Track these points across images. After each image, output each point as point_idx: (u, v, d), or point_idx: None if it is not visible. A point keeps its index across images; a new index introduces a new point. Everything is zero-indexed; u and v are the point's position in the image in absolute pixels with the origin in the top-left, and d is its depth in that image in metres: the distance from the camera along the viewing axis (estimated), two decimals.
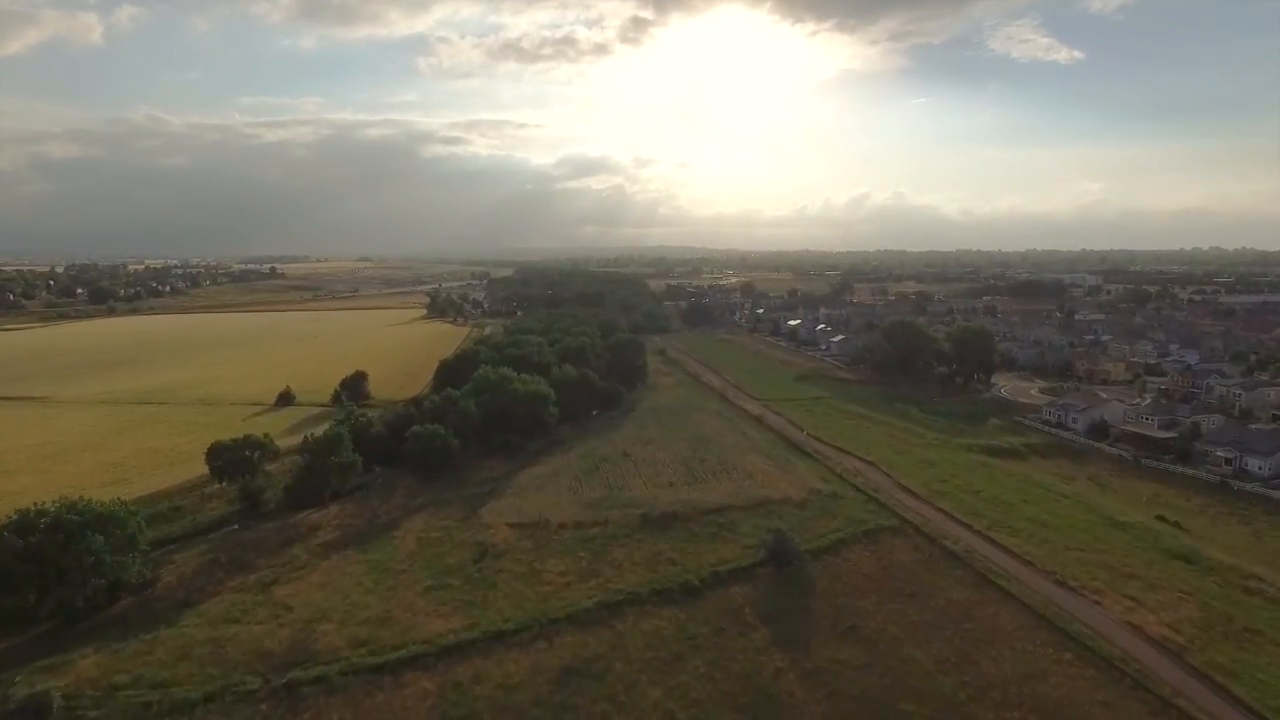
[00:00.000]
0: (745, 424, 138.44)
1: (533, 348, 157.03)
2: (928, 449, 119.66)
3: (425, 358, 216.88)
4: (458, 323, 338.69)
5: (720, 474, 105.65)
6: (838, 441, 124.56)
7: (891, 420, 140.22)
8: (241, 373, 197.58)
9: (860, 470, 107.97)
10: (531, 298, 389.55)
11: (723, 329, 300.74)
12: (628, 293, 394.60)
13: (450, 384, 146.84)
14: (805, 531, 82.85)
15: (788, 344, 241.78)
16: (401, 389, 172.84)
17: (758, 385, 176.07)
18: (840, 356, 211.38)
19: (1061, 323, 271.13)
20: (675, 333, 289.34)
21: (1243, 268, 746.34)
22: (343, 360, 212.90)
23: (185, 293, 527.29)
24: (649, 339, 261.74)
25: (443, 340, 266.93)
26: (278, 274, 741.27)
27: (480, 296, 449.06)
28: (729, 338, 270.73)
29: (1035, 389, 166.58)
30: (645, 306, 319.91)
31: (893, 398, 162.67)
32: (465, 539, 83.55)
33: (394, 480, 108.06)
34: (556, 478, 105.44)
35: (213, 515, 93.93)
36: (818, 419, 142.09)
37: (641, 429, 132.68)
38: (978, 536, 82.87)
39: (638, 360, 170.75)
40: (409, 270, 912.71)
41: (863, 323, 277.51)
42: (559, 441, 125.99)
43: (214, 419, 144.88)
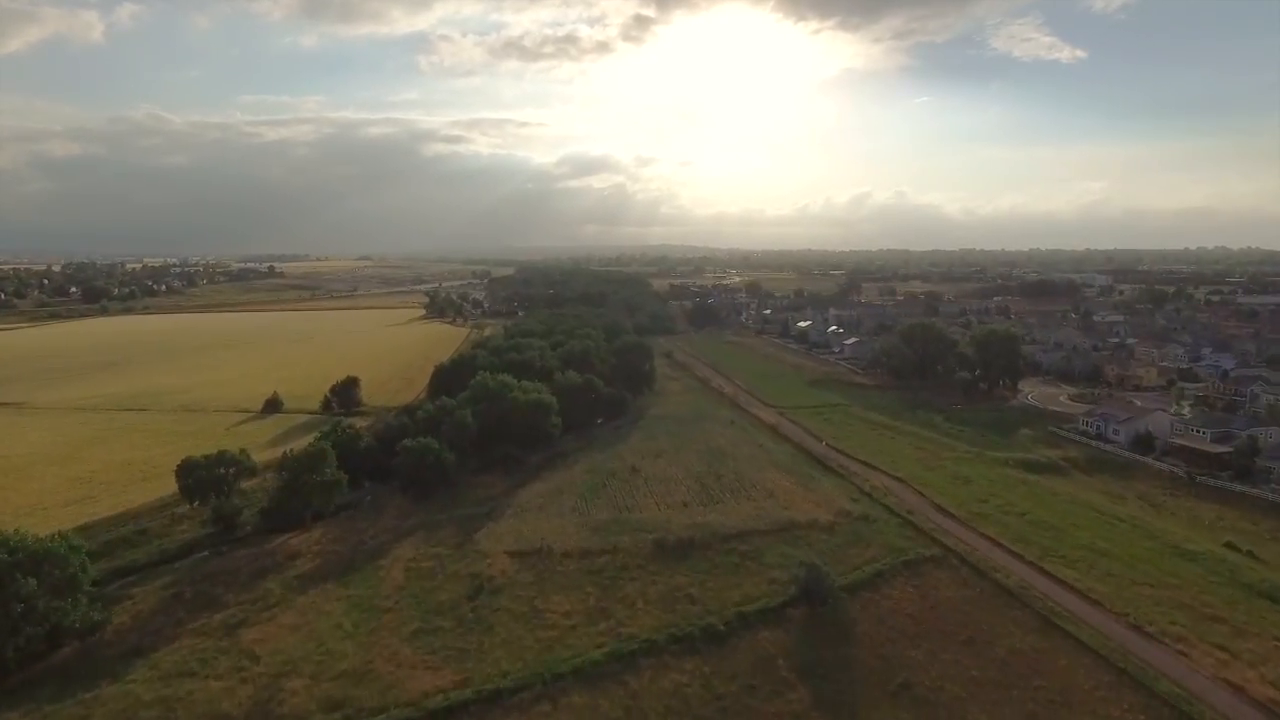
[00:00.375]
0: (760, 434, 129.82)
1: (534, 352, 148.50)
2: (960, 463, 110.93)
3: (422, 360, 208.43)
4: (457, 323, 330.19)
5: (738, 492, 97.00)
6: (861, 454, 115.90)
7: (916, 430, 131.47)
8: (230, 376, 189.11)
9: (890, 488, 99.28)
10: (532, 298, 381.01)
11: (730, 330, 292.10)
12: (631, 293, 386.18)
13: (446, 391, 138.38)
14: (837, 562, 74.32)
15: (798, 346, 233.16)
16: (396, 394, 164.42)
17: (770, 391, 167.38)
18: (855, 360, 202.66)
19: (1080, 324, 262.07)
20: (681, 334, 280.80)
21: (1252, 267, 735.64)
22: (337, 363, 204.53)
23: (181, 292, 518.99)
24: (654, 341, 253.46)
25: (441, 342, 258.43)
26: (276, 273, 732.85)
27: (480, 296, 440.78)
28: (737, 339, 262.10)
29: (1064, 395, 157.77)
30: (650, 307, 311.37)
31: (914, 405, 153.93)
32: (459, 570, 74.96)
33: (383, 499, 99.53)
34: (560, 496, 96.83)
35: (182, 539, 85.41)
36: (837, 428, 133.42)
37: (650, 440, 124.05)
38: (1030, 568, 74.19)
39: (644, 364, 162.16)
40: (409, 269, 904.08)
41: (874, 324, 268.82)
42: (562, 454, 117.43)
43: (195, 427, 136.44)
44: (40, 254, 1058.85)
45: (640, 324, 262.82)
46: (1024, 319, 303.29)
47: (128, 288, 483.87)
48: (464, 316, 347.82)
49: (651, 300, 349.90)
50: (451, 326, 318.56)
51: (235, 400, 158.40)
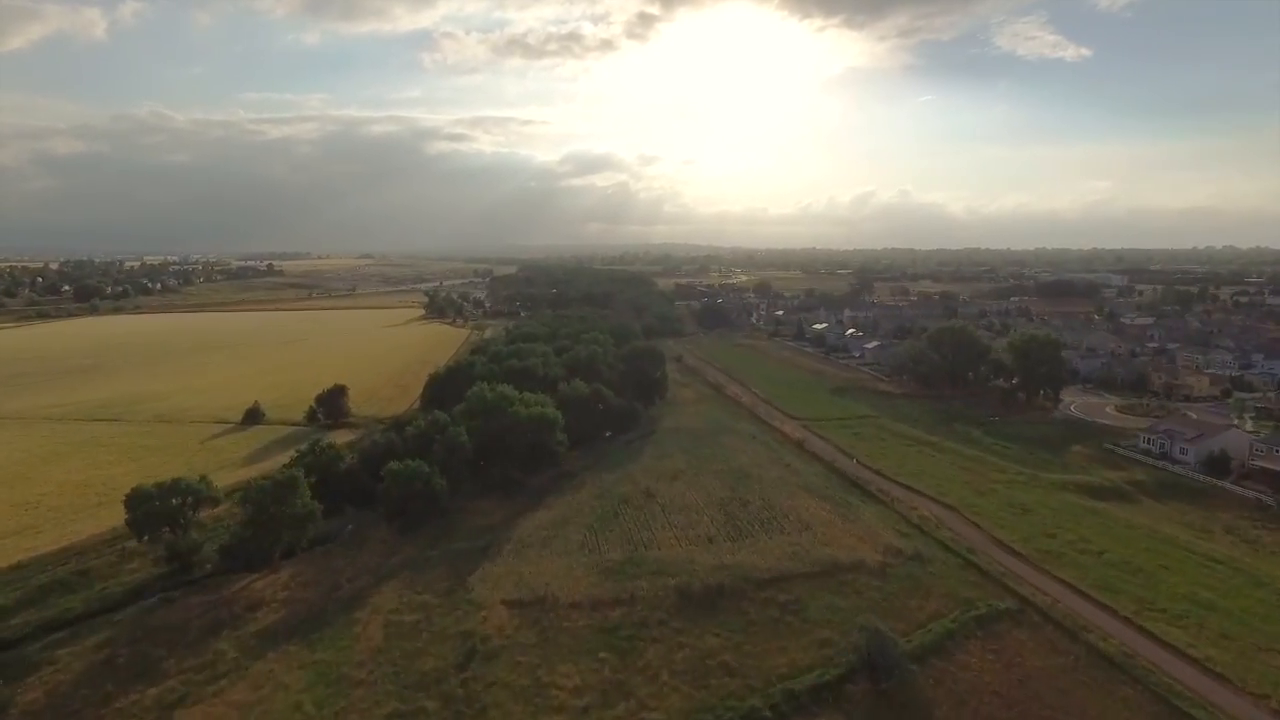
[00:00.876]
0: (786, 451, 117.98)
1: (537, 359, 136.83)
2: (1013, 487, 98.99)
3: (419, 365, 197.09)
4: (457, 324, 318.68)
5: (769, 524, 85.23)
6: (901, 476, 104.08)
7: (956, 447, 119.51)
8: (213, 383, 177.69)
9: (941, 519, 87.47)
10: (535, 298, 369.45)
11: (740, 332, 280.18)
12: (637, 292, 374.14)
13: (440, 402, 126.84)
14: (895, 616, 62.75)
15: (815, 350, 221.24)
16: (389, 403, 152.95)
17: (791, 400, 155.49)
18: (877, 365, 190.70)
19: (1109, 327, 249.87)
20: (690, 336, 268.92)
21: (1268, 268, 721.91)
22: (328, 368, 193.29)
23: (176, 291, 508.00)
24: (663, 344, 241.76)
25: (439, 344, 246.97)
26: (275, 271, 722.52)
27: (482, 295, 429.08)
28: (749, 342, 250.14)
29: (1110, 407, 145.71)
30: (656, 308, 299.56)
31: (949, 416, 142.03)
32: (448, 626, 63.26)
33: (366, 529, 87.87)
34: (566, 527, 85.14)
35: (129, 582, 73.80)
36: (870, 445, 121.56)
37: (665, 458, 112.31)
38: (1127, 626, 62.36)
39: (656, 371, 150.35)
40: (411, 267, 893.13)
41: (892, 326, 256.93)
42: (568, 474, 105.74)
43: (166, 441, 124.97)
44: (43, 252, 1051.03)
45: (648, 325, 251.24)
46: (1045, 321, 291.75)
47: (121, 286, 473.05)
48: (464, 317, 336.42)
49: (658, 300, 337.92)
50: (451, 327, 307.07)
51: (215, 410, 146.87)
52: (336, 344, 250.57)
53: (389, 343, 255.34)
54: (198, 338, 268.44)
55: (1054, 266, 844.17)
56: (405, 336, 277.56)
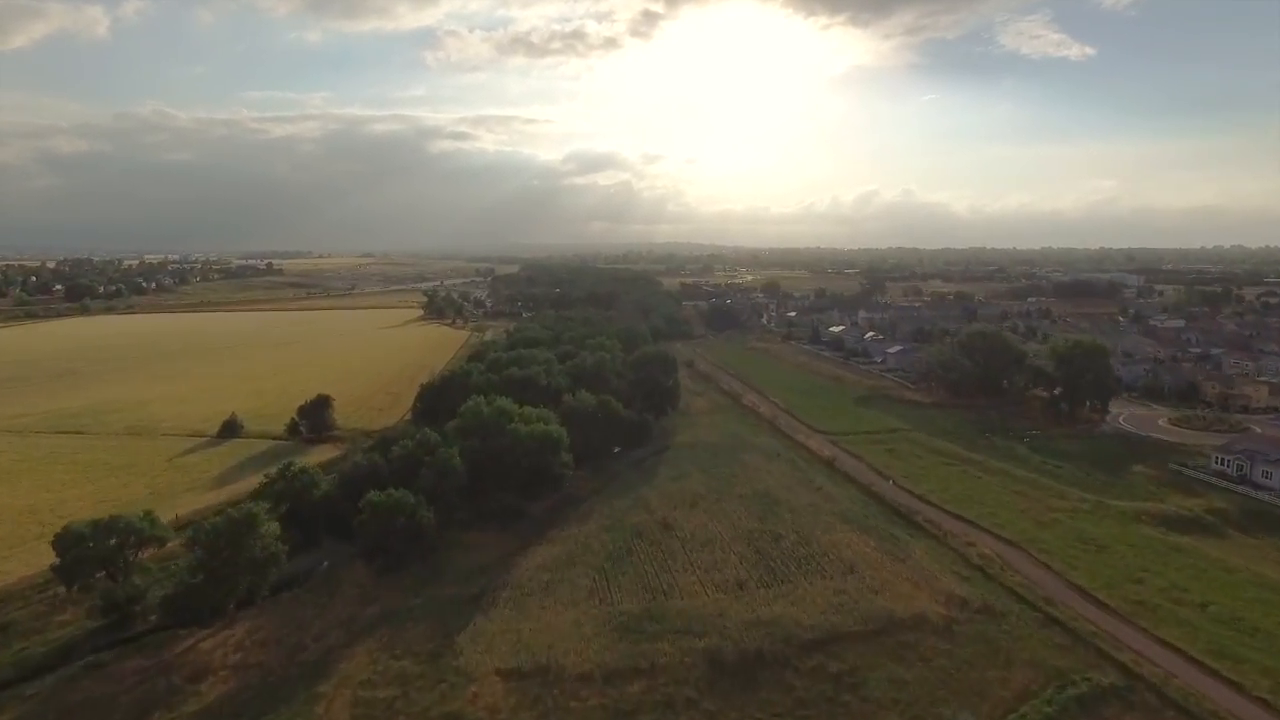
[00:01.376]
0: (815, 471, 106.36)
1: (539, 367, 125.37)
2: (1078, 517, 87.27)
3: (414, 370, 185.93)
4: (456, 325, 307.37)
5: (807, 563, 73.72)
6: (948, 502, 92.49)
7: (1003, 466, 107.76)
8: (194, 389, 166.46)
9: (1004, 557, 75.85)
10: (537, 297, 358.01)
11: (752, 335, 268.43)
12: (642, 293, 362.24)
13: (433, 416, 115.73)
14: (974, 692, 51.59)
15: (833, 354, 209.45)
16: (380, 414, 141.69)
17: (813, 411, 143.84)
18: (901, 372, 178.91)
19: (1139, 330, 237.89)
20: (699, 339, 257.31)
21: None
22: (319, 373, 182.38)
23: (172, 290, 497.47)
24: (671, 347, 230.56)
25: (437, 347, 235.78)
26: (274, 270, 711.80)
27: (483, 295, 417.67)
28: (762, 345, 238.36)
29: (1162, 419, 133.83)
30: (663, 309, 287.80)
31: (986, 429, 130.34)
32: (429, 707, 51.78)
33: (342, 569, 76.48)
34: (572, 568, 73.70)
35: (57, 639, 62.50)
36: (906, 463, 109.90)
37: (681, 479, 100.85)
38: (1267, 712, 50.70)
39: (668, 380, 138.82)
40: (412, 266, 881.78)
41: (911, 328, 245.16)
42: (574, 500, 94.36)
43: (131, 458, 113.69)
44: (46, 251, 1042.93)
45: (655, 327, 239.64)
46: (1067, 322, 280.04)
47: (114, 286, 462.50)
48: (464, 318, 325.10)
49: (665, 301, 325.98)
50: (451, 329, 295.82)
51: (192, 420, 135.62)
52: (330, 347, 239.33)
53: (385, 345, 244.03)
54: (187, 340, 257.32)
55: (1064, 266, 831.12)
56: (402, 339, 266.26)
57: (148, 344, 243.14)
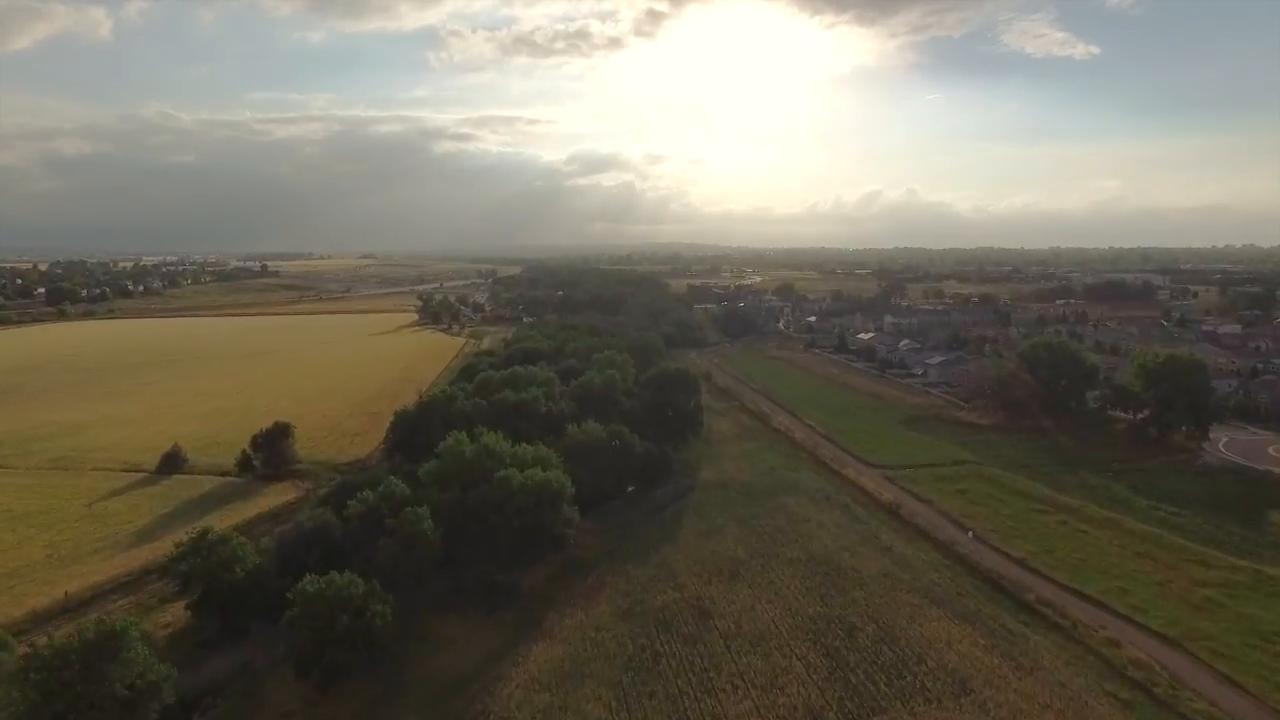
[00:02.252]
0: (876, 520, 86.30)
1: (538, 390, 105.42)
2: (1237, 594, 66.99)
3: (400, 385, 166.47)
4: (452, 331, 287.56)
5: (897, 673, 53.73)
6: (1058, 568, 72.49)
7: (1108, 514, 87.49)
8: (147, 409, 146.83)
9: (1165, 664, 55.75)
10: (539, 301, 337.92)
11: (770, 342, 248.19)
12: (649, 296, 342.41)
13: (409, 449, 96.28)
14: None
15: (864, 366, 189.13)
16: (354, 442, 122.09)
17: (858, 436, 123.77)
18: (947, 387, 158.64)
19: (1199, 336, 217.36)
20: (713, 347, 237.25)
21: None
22: (293, 388, 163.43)
23: (159, 293, 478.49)
24: (684, 355, 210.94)
25: (429, 357, 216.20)
26: (270, 272, 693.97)
27: (483, 299, 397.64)
28: (783, 355, 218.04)
29: (1273, 447, 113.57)
30: (674, 313, 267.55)
31: (1067, 461, 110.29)
32: None
33: (268, 678, 56.61)
34: (578, 688, 53.78)
35: None
36: (988, 510, 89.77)
37: (714, 536, 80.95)
38: None
39: (688, 401, 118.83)
40: (413, 268, 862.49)
41: (945, 335, 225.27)
42: (579, 566, 74.56)
43: (44, 501, 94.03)
44: (49, 253, 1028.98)
45: (666, 334, 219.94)
46: (1106, 326, 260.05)
47: (99, 289, 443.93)
48: (461, 323, 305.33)
49: (674, 305, 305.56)
50: (446, 335, 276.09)
51: (131, 450, 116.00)
52: (311, 357, 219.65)
53: (372, 355, 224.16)
54: (156, 349, 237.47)
55: (1078, 266, 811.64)
56: (391, 347, 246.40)
57: (110, 354, 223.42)
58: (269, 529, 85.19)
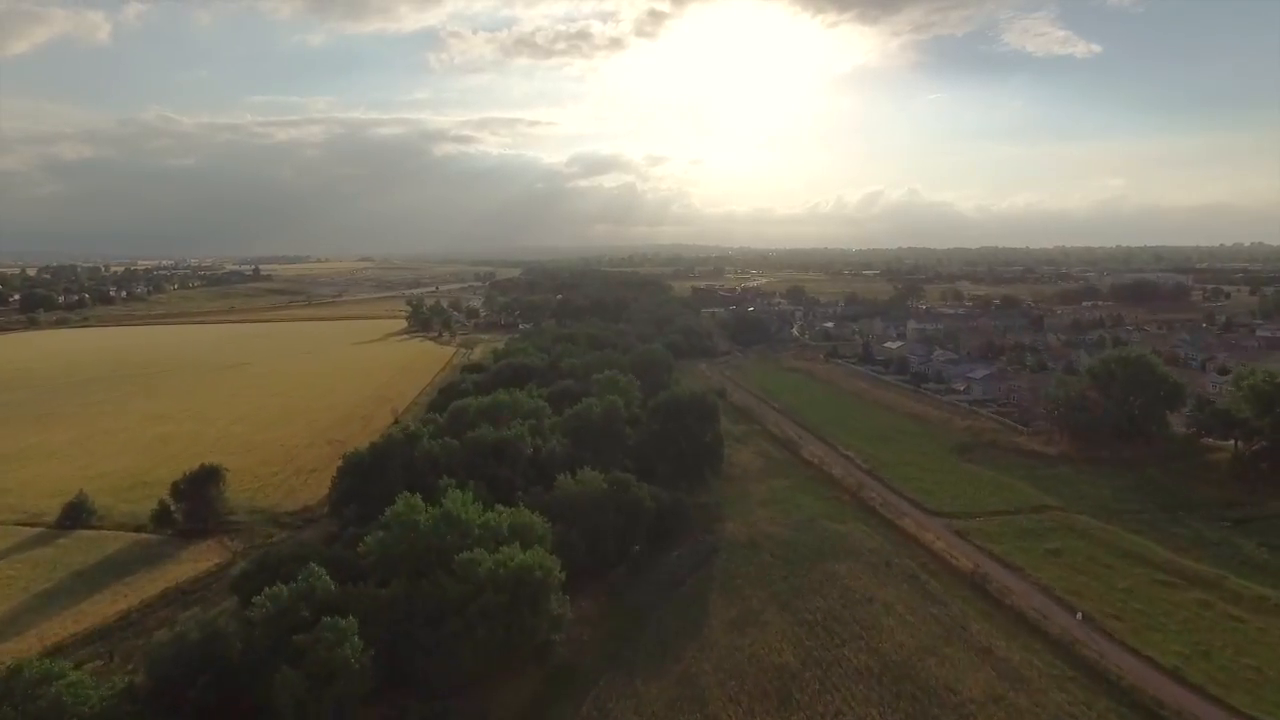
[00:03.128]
0: (957, 599, 66.63)
1: (524, 425, 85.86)
2: None
3: (374, 405, 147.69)
4: (442, 339, 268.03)
5: None
6: (1233, 688, 52.91)
7: (1257, 588, 67.74)
8: (75, 439, 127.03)
9: None
10: (536, 306, 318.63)
11: (786, 350, 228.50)
12: (653, 299, 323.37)
13: (362, 499, 76.75)
14: None
15: (895, 379, 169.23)
16: (304, 483, 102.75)
17: (908, 471, 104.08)
18: (995, 405, 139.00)
19: (1261, 344, 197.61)
20: (724, 357, 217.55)
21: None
22: (254, 410, 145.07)
23: (143, 299, 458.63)
24: (693, 367, 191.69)
25: (412, 370, 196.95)
26: (263, 276, 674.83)
27: (478, 303, 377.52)
28: (802, 365, 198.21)
29: None
30: (680, 319, 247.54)
31: (1170, 502, 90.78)
32: None
33: None
34: None
35: None
36: (1096, 581, 69.99)
37: (750, 627, 61.39)
38: None
39: (706, 432, 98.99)
40: (412, 270, 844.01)
41: (979, 342, 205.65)
42: (567, 679, 54.99)
43: None
44: (50, 257, 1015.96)
45: (672, 343, 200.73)
46: (1145, 331, 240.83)
47: (78, 295, 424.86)
48: (451, 330, 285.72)
49: (680, 310, 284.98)
50: (435, 344, 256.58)
51: (36, 494, 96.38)
52: (283, 371, 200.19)
53: (350, 367, 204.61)
54: (117, 362, 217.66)
55: (1088, 265, 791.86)
56: (373, 358, 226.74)
57: (63, 369, 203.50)
58: (172, 614, 65.99)
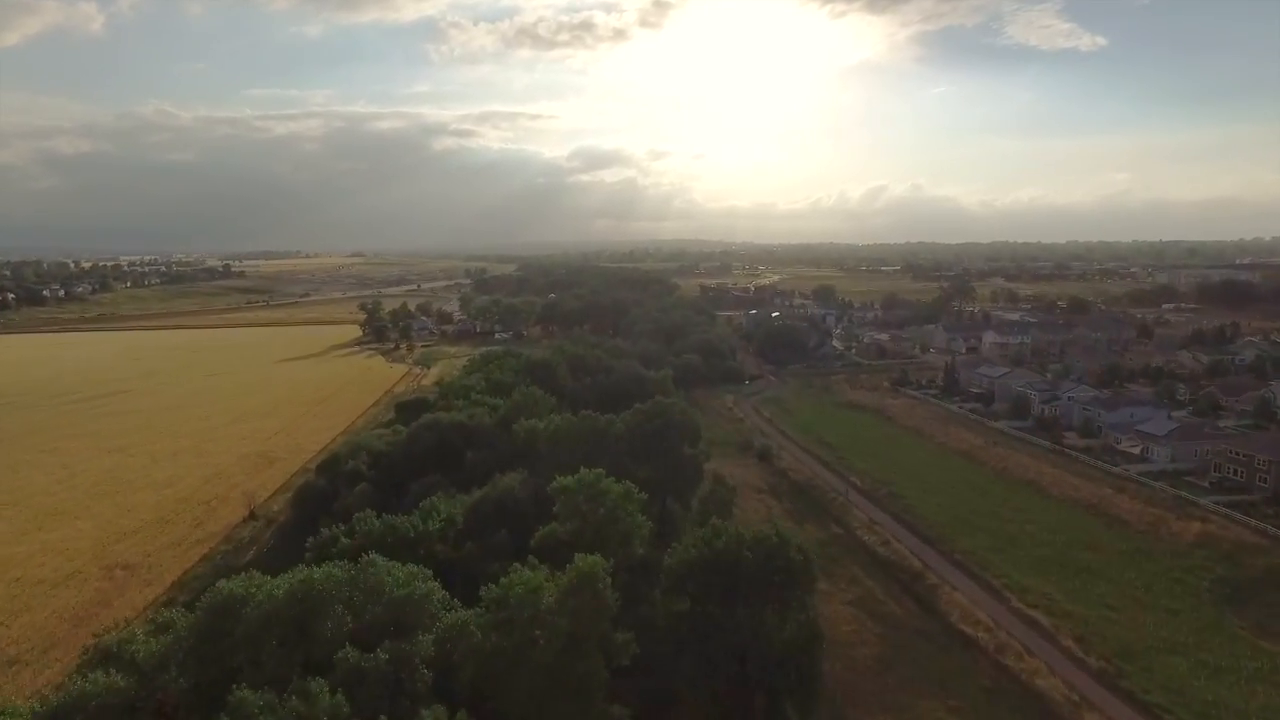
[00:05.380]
0: None
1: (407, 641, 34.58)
2: None
3: (237, 479, 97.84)
4: (396, 354, 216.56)
5: None
6: None
7: None
8: None
9: None
10: (518, 311, 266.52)
11: (833, 370, 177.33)
12: (659, 302, 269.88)
13: None
14: None
15: (1016, 427, 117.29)
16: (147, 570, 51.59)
17: (1165, 662, 53.09)
18: (1219, 482, 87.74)
19: None
20: (755, 383, 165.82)
21: None
22: (68, 479, 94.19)
23: (83, 299, 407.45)
24: (719, 401, 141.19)
25: (328, 406, 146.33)
26: (235, 272, 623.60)
27: (454, 307, 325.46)
28: (868, 400, 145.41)
29: None
30: (695, 330, 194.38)
31: None
32: None
33: None
34: None
35: None
36: None
37: None
38: None
39: (807, 668, 47.09)
40: (401, 266, 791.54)
41: (1101, 365, 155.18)
42: None
43: None
44: (45, 252, 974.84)
45: (687, 364, 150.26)
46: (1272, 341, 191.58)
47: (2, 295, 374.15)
48: (412, 341, 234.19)
49: (693, 317, 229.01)
50: (385, 361, 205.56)
51: None
52: (153, 407, 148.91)
53: (246, 404, 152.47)
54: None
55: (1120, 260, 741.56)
56: (290, 385, 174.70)
57: None
58: None
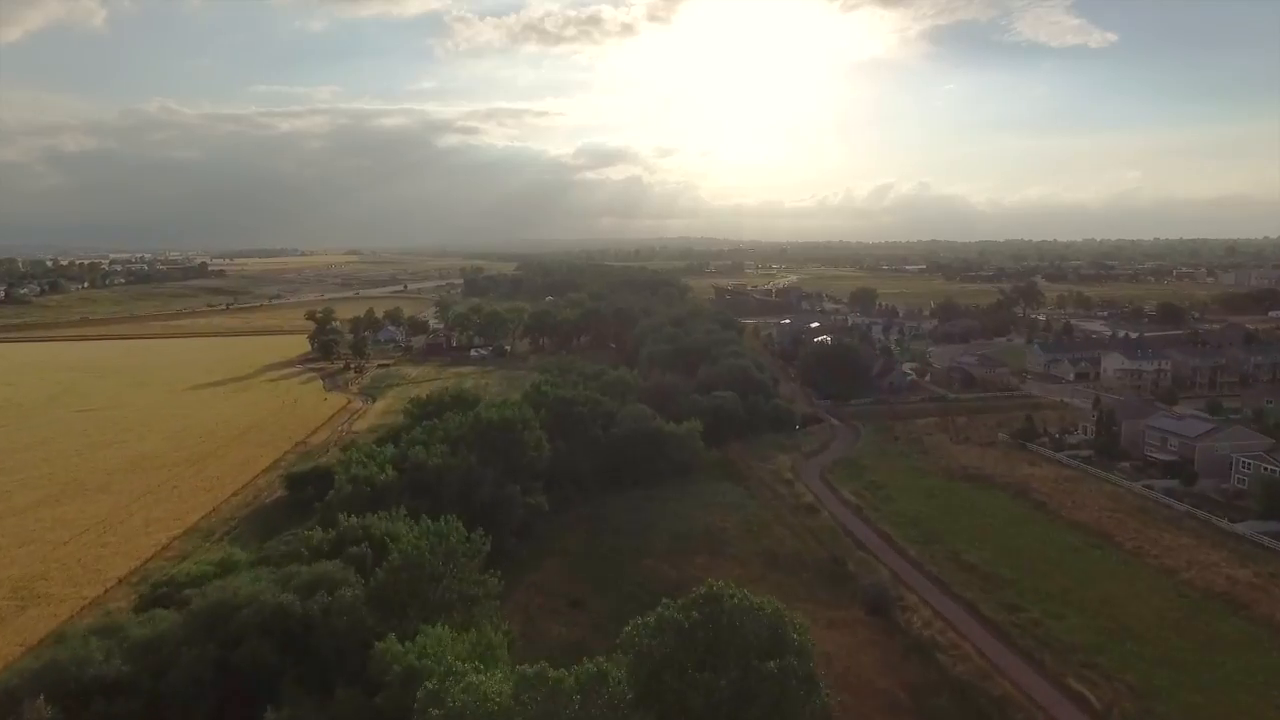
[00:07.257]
0: None
1: None
2: None
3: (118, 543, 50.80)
4: (342, 378, 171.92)
5: None
6: None
7: None
8: None
9: None
10: (503, 320, 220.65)
11: (918, 413, 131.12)
12: (673, 309, 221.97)
13: None
14: None
15: (1260, 530, 72.85)
16: None
17: None
18: None
19: None
20: (813, 431, 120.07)
21: None
22: None
23: (26, 302, 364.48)
24: (766, 457, 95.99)
25: (233, 464, 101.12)
26: (214, 272, 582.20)
27: (431, 315, 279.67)
28: (996, 470, 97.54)
29: None
30: (726, 355, 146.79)
31: None
32: None
33: None
34: None
35: None
36: None
37: None
38: None
39: None
40: (395, 265, 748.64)
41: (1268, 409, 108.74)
42: None
43: None
44: (49, 250, 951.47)
45: (720, 407, 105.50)
46: None
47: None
48: (365, 359, 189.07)
49: (720, 334, 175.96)
50: (323, 388, 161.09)
51: None
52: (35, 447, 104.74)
53: (128, 449, 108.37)
54: None
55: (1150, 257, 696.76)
56: (198, 422, 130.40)
57: None
58: None
